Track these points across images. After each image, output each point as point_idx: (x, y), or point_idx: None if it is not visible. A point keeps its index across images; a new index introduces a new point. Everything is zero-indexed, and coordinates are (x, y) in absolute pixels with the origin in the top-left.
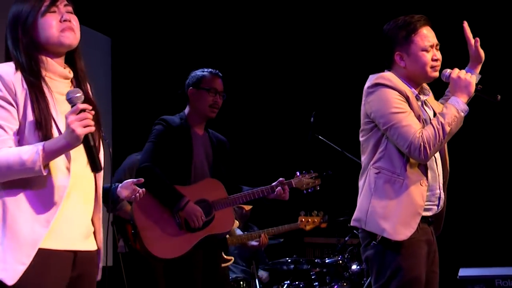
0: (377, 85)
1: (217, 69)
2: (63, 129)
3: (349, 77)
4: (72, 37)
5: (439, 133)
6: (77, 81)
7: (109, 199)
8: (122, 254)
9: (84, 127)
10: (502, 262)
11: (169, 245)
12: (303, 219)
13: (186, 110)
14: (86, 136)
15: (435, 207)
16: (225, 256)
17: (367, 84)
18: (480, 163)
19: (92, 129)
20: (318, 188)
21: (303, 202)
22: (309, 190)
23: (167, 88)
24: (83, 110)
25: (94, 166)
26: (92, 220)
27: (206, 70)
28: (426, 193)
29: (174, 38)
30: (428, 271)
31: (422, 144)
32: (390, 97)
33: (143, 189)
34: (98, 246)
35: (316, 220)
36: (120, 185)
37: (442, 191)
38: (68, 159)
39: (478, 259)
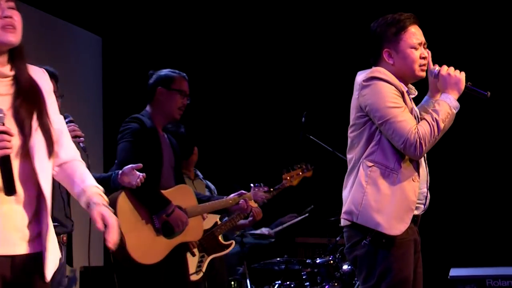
0: (372, 78)
1: (208, 69)
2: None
3: (340, 77)
4: (12, 35)
5: (434, 130)
6: (17, 80)
7: (110, 187)
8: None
9: (1, 148)
10: (493, 262)
11: (149, 250)
12: (288, 177)
13: (149, 109)
14: (4, 158)
15: (422, 206)
16: (224, 242)
17: (361, 78)
18: (472, 163)
19: (8, 151)
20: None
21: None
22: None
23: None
24: (3, 132)
25: (8, 189)
26: (38, 221)
27: (175, 71)
28: (418, 189)
29: (165, 38)
30: (414, 271)
31: (418, 140)
32: (386, 91)
33: (143, 174)
34: (44, 247)
35: (300, 172)
36: (120, 172)
37: (427, 190)
38: None
39: (469, 259)
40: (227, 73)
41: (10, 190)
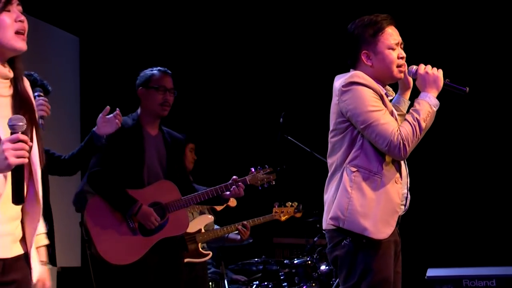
0: (352, 83)
1: (187, 68)
2: (2, 133)
3: (318, 78)
4: (24, 42)
5: (416, 130)
6: (15, 81)
7: (97, 147)
8: (91, 254)
9: (18, 157)
10: (470, 262)
11: (124, 251)
12: (277, 210)
13: (138, 111)
14: (18, 167)
15: (403, 207)
16: (202, 251)
17: (340, 83)
18: (448, 164)
19: (25, 161)
20: (274, 183)
21: (274, 197)
22: (265, 186)
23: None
24: (22, 141)
25: (18, 198)
26: (22, 223)
27: (154, 68)
28: (401, 191)
29: (143, 38)
30: (394, 271)
31: (401, 141)
32: (366, 95)
33: (116, 111)
34: (27, 249)
35: (290, 210)
36: (94, 129)
37: (408, 191)
38: None
39: (446, 260)
40: (205, 73)
41: (19, 199)
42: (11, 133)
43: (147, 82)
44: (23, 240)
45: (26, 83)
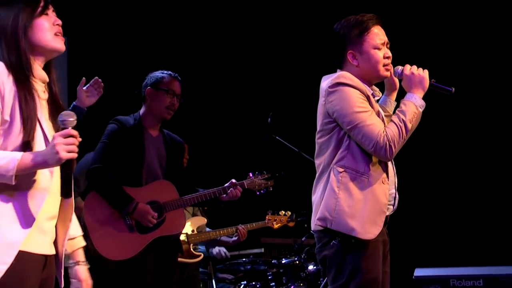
0: (338, 84)
1: (173, 69)
2: (47, 132)
3: (305, 78)
4: (63, 43)
5: (402, 131)
6: (51, 86)
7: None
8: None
9: (69, 152)
10: (457, 262)
11: (120, 247)
12: (271, 218)
13: (141, 111)
14: (68, 161)
15: (392, 207)
16: (194, 252)
17: (326, 84)
18: (435, 164)
19: (75, 155)
20: (271, 189)
21: (265, 202)
22: (262, 191)
23: (124, 88)
24: (72, 136)
25: (66, 192)
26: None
27: (165, 72)
28: (388, 191)
29: (132, 38)
30: (382, 271)
31: (387, 142)
32: (353, 96)
33: (94, 79)
34: (59, 251)
35: (283, 219)
36: (75, 102)
37: (396, 191)
38: None
39: (433, 259)
40: (193, 74)
41: (67, 193)
42: (62, 129)
43: (157, 83)
44: (55, 241)
45: (59, 88)
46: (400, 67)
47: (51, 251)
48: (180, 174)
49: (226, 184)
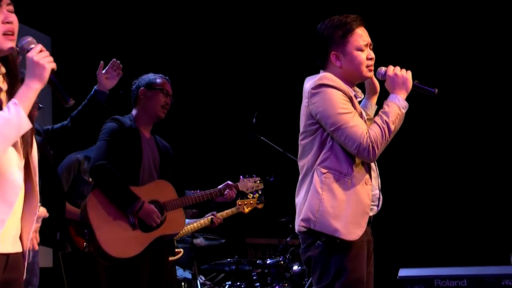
0: (321, 85)
1: (159, 70)
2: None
3: (290, 78)
4: (12, 42)
5: (385, 132)
6: (9, 77)
7: (101, 105)
8: (63, 254)
9: (50, 62)
10: (441, 263)
11: (123, 244)
12: (241, 203)
13: (134, 112)
14: (53, 70)
15: (376, 208)
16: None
17: (309, 85)
18: (419, 164)
19: (55, 65)
20: (260, 193)
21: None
22: (253, 194)
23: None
24: (42, 50)
25: (65, 99)
26: (29, 220)
27: (157, 74)
28: (371, 192)
29: (116, 37)
30: (366, 271)
31: (370, 144)
32: (336, 97)
33: (113, 61)
34: (23, 248)
35: (252, 202)
36: (96, 87)
37: (380, 191)
38: (20, 157)
39: (418, 260)
40: (178, 75)
41: (66, 99)
42: (28, 51)
43: (151, 83)
44: (20, 237)
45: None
46: (383, 68)
47: (13, 248)
48: (172, 175)
49: (221, 186)
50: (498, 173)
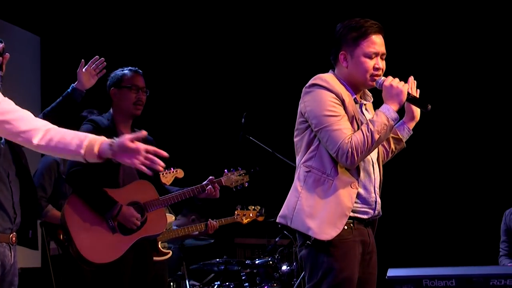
0: (313, 85)
1: (148, 68)
2: None
3: (279, 79)
4: None
5: (368, 140)
6: None
7: (77, 103)
8: (52, 256)
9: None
10: (430, 263)
11: (103, 249)
12: (240, 213)
13: (111, 111)
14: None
15: (372, 211)
16: (162, 250)
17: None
18: (408, 165)
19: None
20: (247, 185)
21: (236, 199)
22: (238, 187)
23: (97, 88)
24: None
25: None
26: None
27: (125, 68)
28: (355, 195)
29: (105, 37)
30: (365, 272)
31: (350, 150)
32: (325, 99)
33: (95, 58)
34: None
35: (252, 214)
36: (74, 84)
37: (377, 195)
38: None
39: (406, 260)
40: (167, 74)
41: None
42: None
43: (119, 82)
44: None
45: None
46: (382, 78)
47: None
48: (154, 173)
49: (204, 182)
50: (486, 173)
